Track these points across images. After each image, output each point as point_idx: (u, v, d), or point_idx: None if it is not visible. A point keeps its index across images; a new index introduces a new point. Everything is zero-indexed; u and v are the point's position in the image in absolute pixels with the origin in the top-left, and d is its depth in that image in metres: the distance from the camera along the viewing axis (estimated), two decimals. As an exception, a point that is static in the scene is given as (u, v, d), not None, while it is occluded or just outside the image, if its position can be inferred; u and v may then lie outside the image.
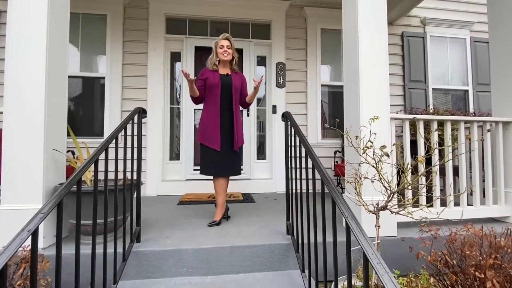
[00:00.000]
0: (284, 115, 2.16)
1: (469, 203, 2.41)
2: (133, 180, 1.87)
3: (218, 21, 4.13)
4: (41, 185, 1.83)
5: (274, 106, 4.08)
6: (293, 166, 1.93)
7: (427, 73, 4.42)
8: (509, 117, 2.45)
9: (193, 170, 3.95)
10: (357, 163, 1.81)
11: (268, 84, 4.22)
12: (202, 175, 2.43)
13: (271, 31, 4.18)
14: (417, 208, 1.77)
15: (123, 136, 1.80)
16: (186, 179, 3.91)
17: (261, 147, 4.26)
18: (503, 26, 2.57)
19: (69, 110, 3.77)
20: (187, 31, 4.05)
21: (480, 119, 2.44)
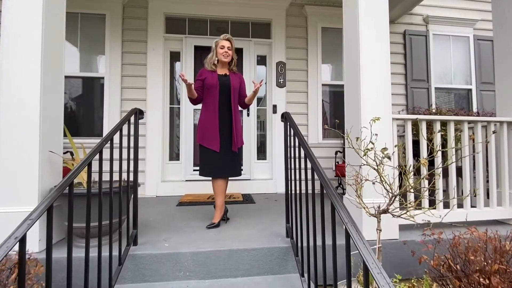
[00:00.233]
0: (283, 116, 2.12)
1: (473, 204, 2.36)
2: (129, 182, 1.84)
3: (218, 20, 4.09)
4: (37, 187, 1.81)
5: (274, 106, 4.04)
6: (293, 170, 1.89)
7: (430, 72, 4.36)
8: (514, 117, 2.40)
9: (193, 170, 3.92)
10: (358, 165, 1.76)
11: (268, 83, 4.18)
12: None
13: (271, 30, 4.13)
14: (419, 211, 1.73)
15: (124, 135, 1.78)
16: (185, 180, 3.89)
17: (261, 147, 4.22)
18: (508, 24, 2.52)
19: (69, 110, 3.77)
20: (187, 31, 4.02)
21: (484, 119, 2.39)
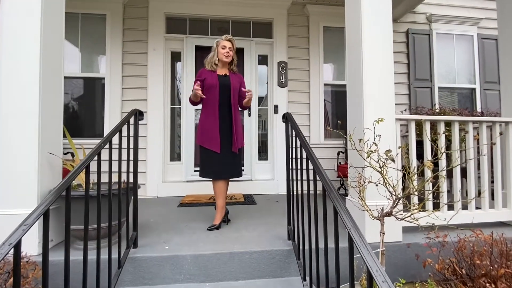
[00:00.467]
0: (284, 116, 2.09)
1: (477, 205, 2.33)
2: (128, 184, 1.82)
3: (219, 20, 4.06)
4: (36, 189, 1.79)
5: (276, 106, 4.01)
6: (294, 172, 1.86)
7: (433, 71, 4.31)
8: (520, 117, 2.36)
9: (194, 171, 3.90)
10: (361, 167, 1.73)
11: (269, 83, 4.16)
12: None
13: (272, 30, 4.11)
14: (424, 213, 1.70)
15: (124, 136, 1.77)
16: (186, 180, 3.87)
17: (263, 147, 4.20)
18: (513, 22, 2.48)
19: (71, 111, 3.76)
20: (188, 31, 4.00)
21: (489, 120, 2.35)
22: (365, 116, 1.97)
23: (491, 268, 1.41)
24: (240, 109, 2.46)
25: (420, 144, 2.25)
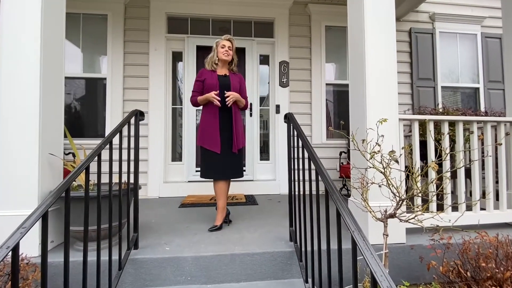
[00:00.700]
0: (286, 117, 2.07)
1: (481, 206, 2.29)
2: (129, 184, 1.81)
3: (220, 20, 4.05)
4: (37, 190, 1.78)
5: (277, 106, 3.99)
6: (296, 172, 1.85)
7: (436, 71, 4.28)
8: (525, 117, 2.32)
9: (195, 171, 3.89)
10: (364, 168, 1.71)
11: (271, 83, 4.14)
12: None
13: (274, 29, 4.08)
14: (428, 215, 1.67)
15: (125, 137, 1.75)
16: (188, 181, 3.86)
17: (264, 147, 4.18)
18: (518, 20, 2.44)
19: (73, 111, 3.76)
20: (189, 30, 3.99)
21: (494, 119, 2.31)
22: (368, 116, 1.95)
23: (497, 271, 1.38)
24: (241, 109, 2.45)
25: (423, 144, 2.22)
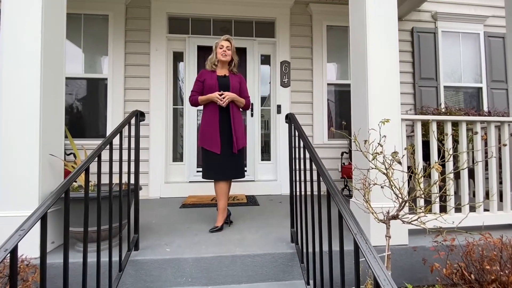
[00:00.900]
0: (287, 117, 2.06)
1: (485, 207, 2.27)
2: (130, 185, 1.80)
3: (221, 20, 4.04)
4: (37, 191, 1.78)
5: (278, 106, 3.97)
6: (298, 173, 1.83)
7: (439, 70, 4.25)
8: (529, 117, 2.30)
9: (196, 172, 3.88)
10: (366, 169, 1.69)
11: (272, 83, 4.12)
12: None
13: (275, 29, 4.07)
14: (431, 216, 1.65)
15: (126, 137, 1.75)
16: (189, 181, 3.85)
17: (265, 148, 4.16)
18: (522, 19, 2.42)
19: (75, 111, 3.76)
20: (190, 31, 3.98)
21: (498, 119, 2.29)
22: (370, 116, 1.93)
23: (502, 273, 1.36)
24: (241, 109, 2.44)
25: (426, 144, 2.20)
